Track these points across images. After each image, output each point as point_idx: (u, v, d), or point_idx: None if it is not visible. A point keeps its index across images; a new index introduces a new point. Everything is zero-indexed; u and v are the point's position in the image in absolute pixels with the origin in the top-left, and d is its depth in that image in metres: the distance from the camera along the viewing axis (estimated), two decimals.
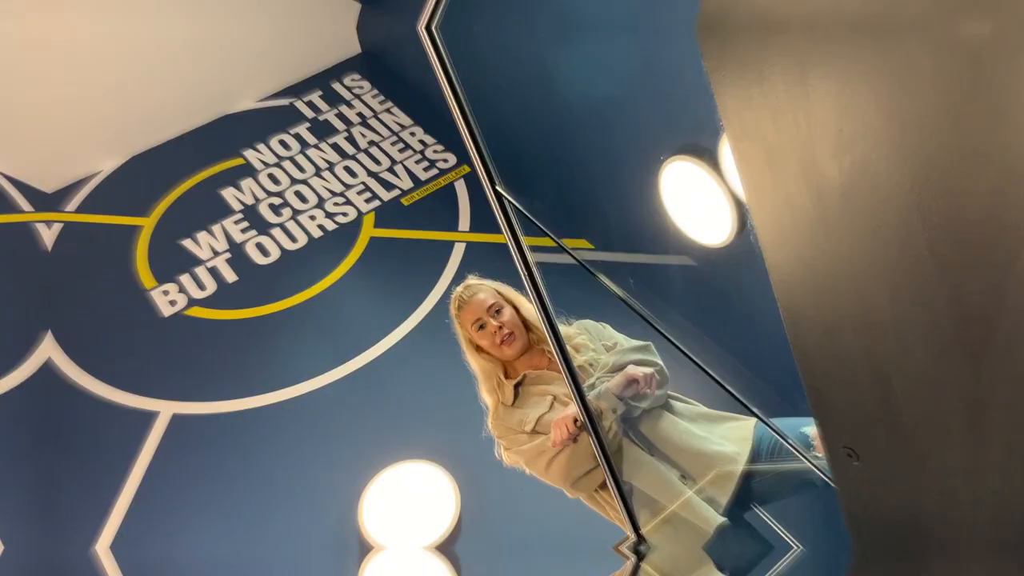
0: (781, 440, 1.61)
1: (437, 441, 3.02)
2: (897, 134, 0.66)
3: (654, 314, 1.33)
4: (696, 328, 1.47)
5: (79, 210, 4.15)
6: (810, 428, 1.37)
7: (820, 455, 1.35)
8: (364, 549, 2.79)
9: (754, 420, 1.72)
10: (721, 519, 1.70)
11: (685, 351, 1.24)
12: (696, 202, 1.71)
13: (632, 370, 1.76)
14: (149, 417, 3.26)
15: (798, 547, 1.66)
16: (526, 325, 1.98)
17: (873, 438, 0.84)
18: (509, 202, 1.35)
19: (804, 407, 1.42)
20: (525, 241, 1.51)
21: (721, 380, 1.23)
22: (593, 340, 1.90)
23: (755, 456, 1.67)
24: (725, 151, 1.59)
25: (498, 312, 1.97)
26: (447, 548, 2.78)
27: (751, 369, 1.34)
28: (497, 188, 1.32)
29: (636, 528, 1.80)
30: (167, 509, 2.98)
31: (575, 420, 1.79)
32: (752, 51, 0.69)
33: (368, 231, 3.87)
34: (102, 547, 2.89)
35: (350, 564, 2.78)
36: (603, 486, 1.87)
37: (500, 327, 1.94)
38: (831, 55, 0.66)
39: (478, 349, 1.99)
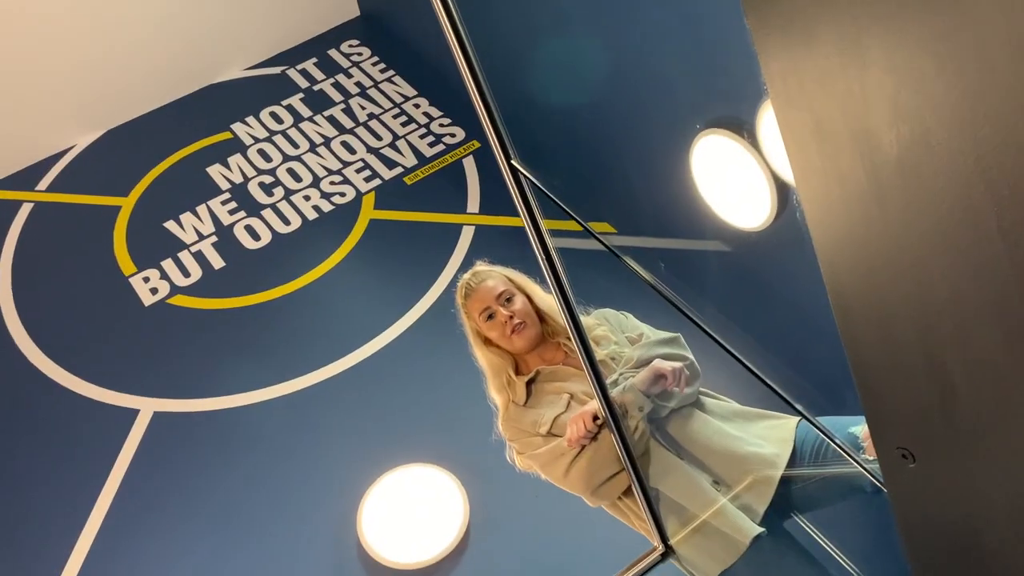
0: (827, 441, 1.61)
1: (443, 443, 3.03)
2: (961, 101, 0.66)
3: (687, 301, 1.33)
4: (730, 318, 1.47)
5: (51, 189, 4.18)
6: (859, 427, 1.36)
7: (871, 458, 1.35)
8: (363, 562, 2.81)
9: (796, 419, 1.71)
10: (758, 529, 1.70)
11: (721, 341, 1.24)
12: (731, 181, 1.70)
13: (659, 364, 1.76)
14: (129, 415, 3.29)
15: (844, 562, 1.66)
16: (539, 315, 1.97)
17: (931, 437, 0.84)
18: (526, 178, 1.35)
19: (852, 404, 1.42)
20: (544, 224, 1.51)
21: (761, 374, 1.23)
22: (615, 331, 1.90)
23: (798, 459, 1.67)
24: (764, 124, 1.59)
25: (509, 300, 1.97)
26: (454, 560, 2.80)
27: (792, 363, 1.34)
28: (513, 163, 1.32)
29: (664, 538, 1.81)
30: (147, 519, 3.01)
31: (594, 417, 1.79)
32: (801, 7, 0.69)
33: (368, 213, 3.88)
34: (75, 562, 2.92)
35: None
36: (627, 492, 1.87)
37: (511, 316, 1.93)
38: (890, 13, 0.66)
39: (486, 342, 1.99)
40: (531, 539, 2.80)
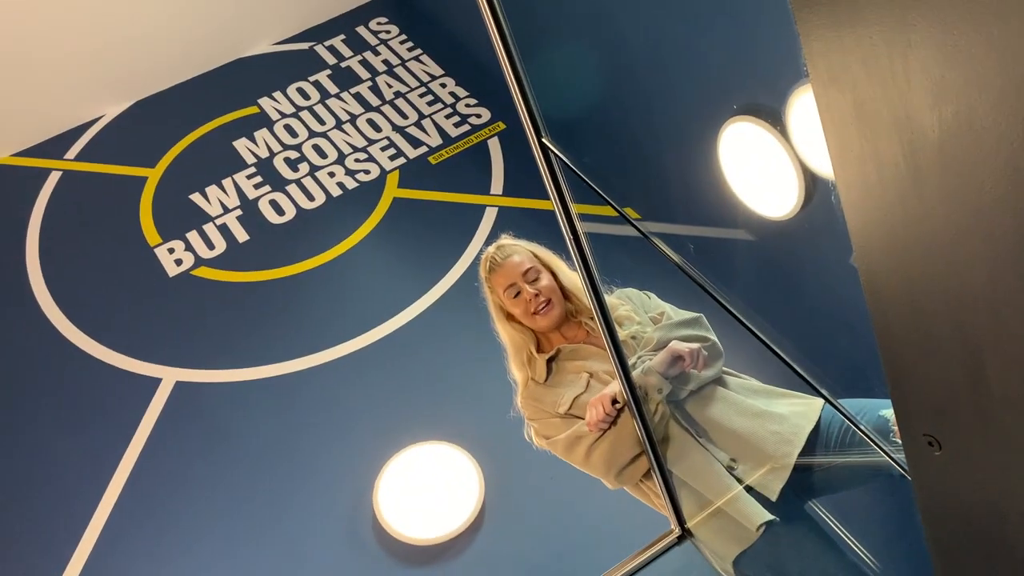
0: (853, 426, 1.60)
1: (460, 421, 3.04)
2: (1008, 83, 0.65)
3: (714, 283, 1.32)
4: (756, 302, 1.46)
5: (79, 158, 4.21)
6: (890, 411, 1.35)
7: (899, 441, 1.33)
8: (378, 536, 2.84)
9: (822, 401, 1.70)
10: (766, 517, 1.69)
11: (748, 324, 1.24)
12: (759, 169, 1.69)
13: (677, 346, 1.75)
14: (151, 384, 3.32)
15: (860, 549, 1.65)
16: (564, 294, 1.96)
17: (959, 425, 0.84)
18: (555, 156, 1.34)
19: (877, 390, 1.41)
20: (574, 208, 1.51)
21: (787, 357, 1.23)
22: (638, 311, 1.89)
23: (823, 442, 1.66)
24: (795, 113, 1.57)
25: (535, 278, 1.96)
26: (468, 538, 2.82)
27: (818, 348, 1.33)
28: (543, 140, 1.32)
29: (681, 521, 1.81)
30: (167, 486, 3.05)
31: (613, 400, 1.79)
32: None
33: (392, 191, 3.88)
34: (94, 529, 2.96)
35: (364, 553, 2.83)
36: (648, 474, 1.87)
37: (536, 295, 1.92)
38: None
39: (509, 317, 1.98)
40: (546, 519, 2.81)
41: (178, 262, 3.73)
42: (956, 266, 0.75)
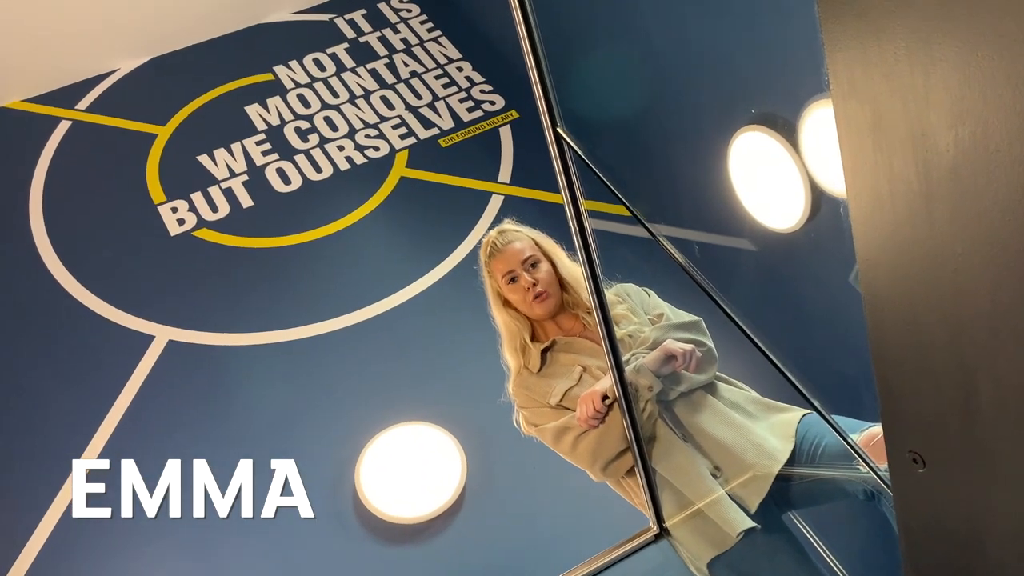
0: (823, 443, 1.61)
1: (447, 404, 3.05)
2: None
3: (717, 288, 1.33)
4: (752, 310, 1.47)
5: (90, 109, 4.20)
6: (857, 435, 1.36)
7: (864, 470, 1.35)
8: (357, 511, 2.84)
9: (800, 414, 1.71)
10: (747, 524, 1.70)
11: (745, 329, 1.24)
12: (767, 179, 1.69)
13: (671, 345, 1.75)
14: (144, 341, 3.33)
15: (832, 561, 1.66)
16: (562, 285, 1.96)
17: (945, 444, 0.85)
18: (569, 146, 1.34)
19: (859, 407, 1.42)
20: (582, 200, 1.51)
21: (783, 368, 1.23)
22: (636, 310, 1.89)
23: (796, 456, 1.67)
24: (807, 127, 1.58)
25: (534, 266, 1.96)
26: (446, 520, 2.83)
27: (807, 361, 1.34)
28: (558, 129, 1.32)
29: (660, 519, 1.82)
30: (151, 442, 3.05)
31: (604, 397, 1.80)
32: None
33: (399, 170, 3.88)
34: (81, 466, 2.97)
35: (342, 527, 2.84)
36: (631, 471, 1.87)
37: (534, 283, 1.93)
38: (965, 12, 0.65)
39: (505, 303, 1.98)
40: (525, 507, 2.82)
41: (180, 222, 3.72)
42: (959, 286, 0.76)
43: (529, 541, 2.74)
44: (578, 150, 1.34)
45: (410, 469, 2.91)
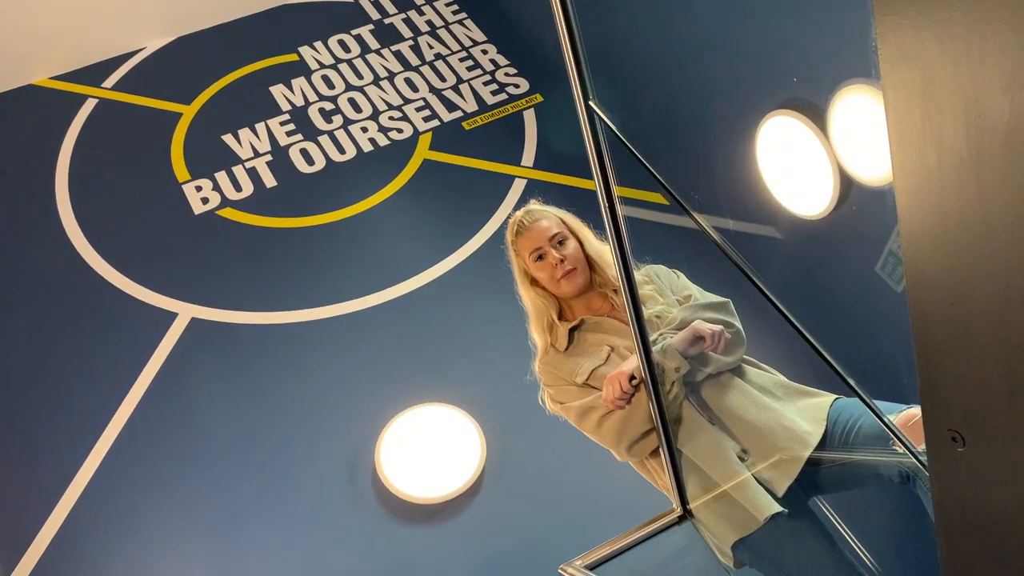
0: (857, 425, 1.59)
1: (468, 386, 3.05)
2: None
3: (751, 263, 1.31)
4: (782, 293, 1.45)
5: (116, 88, 4.22)
6: (894, 415, 1.34)
7: (900, 450, 1.33)
8: (376, 490, 2.85)
9: (831, 398, 1.69)
10: (775, 508, 1.68)
11: (781, 307, 1.22)
12: (795, 165, 1.67)
13: (699, 325, 1.73)
14: (167, 318, 3.34)
15: (859, 548, 1.64)
16: (589, 263, 1.95)
17: (987, 422, 0.83)
18: (601, 120, 1.33)
19: (892, 390, 1.40)
20: (614, 180, 1.49)
21: (821, 349, 1.21)
22: (663, 292, 1.87)
23: (828, 440, 1.65)
24: (838, 111, 1.55)
25: (561, 243, 1.95)
26: (464, 501, 2.83)
27: (842, 345, 1.32)
28: (590, 103, 1.30)
29: (684, 501, 1.80)
30: (172, 420, 3.08)
31: (630, 378, 1.78)
32: None
33: (422, 152, 3.87)
34: (99, 451, 2.99)
35: (360, 505, 2.84)
36: (655, 452, 1.86)
37: (562, 260, 1.91)
38: None
39: (533, 282, 1.97)
40: (544, 490, 2.82)
41: (204, 200, 3.73)
42: (1008, 262, 0.73)
43: (548, 523, 2.74)
44: (610, 124, 1.33)
45: (429, 450, 2.91)
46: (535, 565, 2.60)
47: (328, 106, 4.07)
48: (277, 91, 4.13)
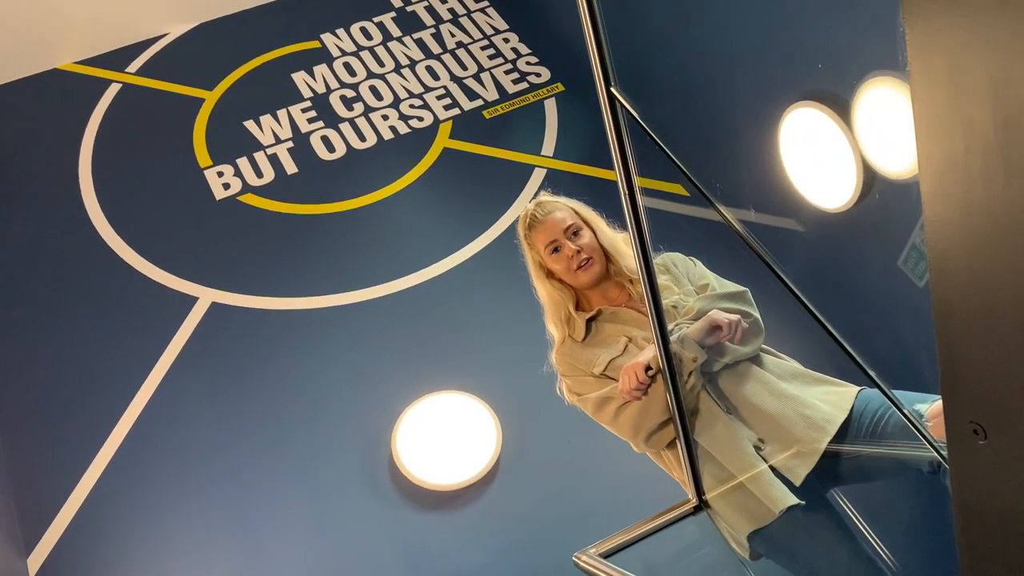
0: (887, 416, 1.57)
1: (485, 375, 3.05)
2: None
3: (772, 252, 1.30)
4: (802, 285, 1.44)
5: (140, 73, 4.24)
6: (924, 405, 1.32)
7: (936, 439, 1.31)
8: (392, 476, 2.86)
9: (857, 388, 1.68)
10: (791, 500, 1.67)
11: (801, 296, 1.21)
12: (818, 157, 1.66)
13: (716, 315, 1.72)
14: (187, 302, 3.37)
15: (875, 542, 1.63)
16: (604, 252, 1.94)
17: (1010, 416, 0.82)
18: (623, 108, 1.32)
19: (916, 380, 1.39)
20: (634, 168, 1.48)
21: (841, 339, 1.20)
22: (679, 281, 1.86)
23: (854, 429, 1.63)
24: (863, 104, 1.54)
25: (576, 234, 1.94)
26: (480, 489, 2.84)
27: (863, 334, 1.31)
28: (612, 89, 1.29)
29: (700, 492, 1.80)
30: (191, 403, 3.10)
31: (647, 368, 1.77)
32: None
33: (443, 141, 3.87)
34: (119, 432, 3.02)
35: (375, 490, 2.86)
36: (672, 443, 1.85)
37: (578, 251, 1.91)
38: None
39: (548, 275, 1.97)
40: (559, 479, 2.82)
41: (226, 186, 3.75)
42: None
43: (563, 511, 2.74)
44: (632, 110, 1.32)
45: (445, 437, 2.92)
46: (550, 552, 2.61)
47: (349, 93, 4.07)
48: (299, 78, 4.14)
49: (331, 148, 3.88)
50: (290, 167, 3.81)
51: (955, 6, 0.69)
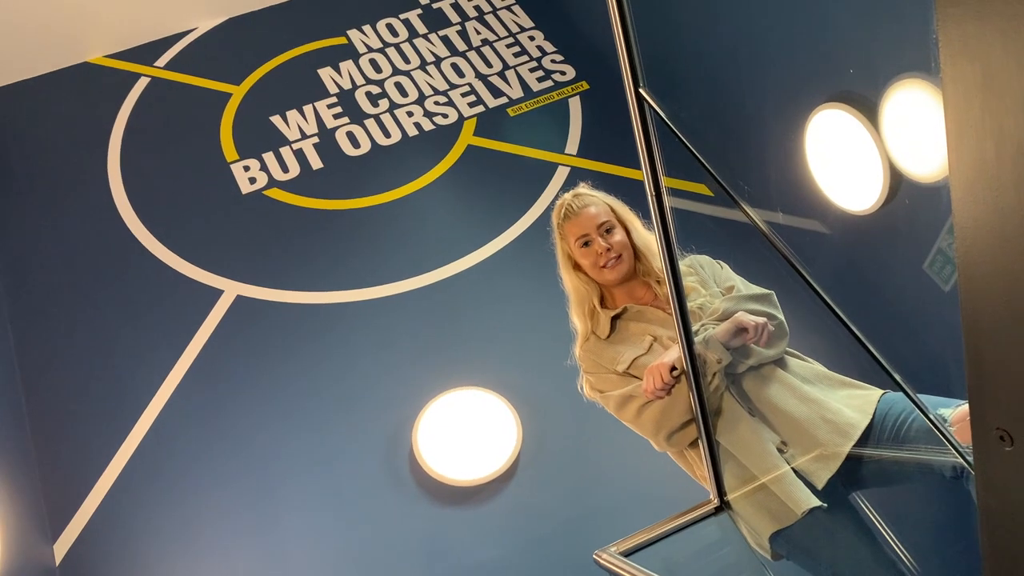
0: (910, 420, 1.57)
1: (506, 371, 3.06)
2: None
3: (797, 254, 1.30)
4: (828, 289, 1.44)
5: (169, 67, 4.28)
6: (948, 409, 1.32)
7: (960, 443, 1.31)
8: (412, 469, 2.88)
9: (880, 392, 1.67)
10: (813, 502, 1.67)
11: (828, 300, 1.22)
12: (845, 160, 1.65)
13: (742, 317, 1.72)
14: (213, 295, 3.40)
15: (897, 545, 1.63)
16: (635, 252, 1.94)
17: None
18: (650, 108, 1.33)
19: (940, 385, 1.38)
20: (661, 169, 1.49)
21: (866, 341, 1.20)
22: (706, 283, 1.86)
23: (876, 433, 1.63)
24: (890, 106, 1.53)
25: (608, 231, 1.94)
26: (499, 485, 2.85)
27: (889, 338, 1.31)
28: (640, 90, 1.30)
29: (721, 492, 1.80)
30: (215, 394, 3.14)
31: (671, 369, 1.78)
32: None
33: (467, 138, 3.88)
34: (145, 421, 3.07)
35: (396, 483, 2.88)
36: (694, 443, 1.86)
37: (608, 249, 1.91)
38: None
39: (575, 267, 1.97)
40: (580, 476, 2.83)
41: (252, 180, 3.79)
42: None
43: (583, 509, 2.75)
44: (660, 112, 1.32)
45: (466, 433, 2.93)
46: (570, 549, 2.62)
47: (375, 90, 4.09)
48: (325, 73, 4.16)
49: (356, 144, 3.90)
50: (316, 162, 3.84)
51: (988, 13, 0.69)
